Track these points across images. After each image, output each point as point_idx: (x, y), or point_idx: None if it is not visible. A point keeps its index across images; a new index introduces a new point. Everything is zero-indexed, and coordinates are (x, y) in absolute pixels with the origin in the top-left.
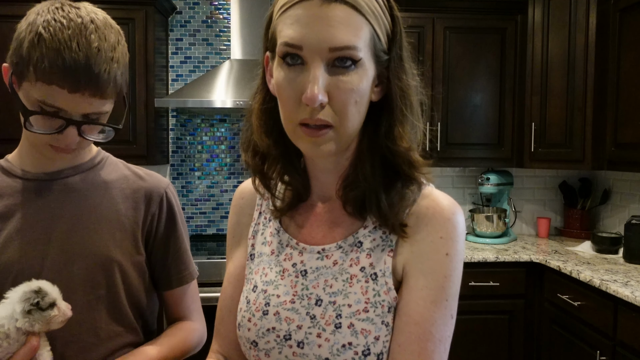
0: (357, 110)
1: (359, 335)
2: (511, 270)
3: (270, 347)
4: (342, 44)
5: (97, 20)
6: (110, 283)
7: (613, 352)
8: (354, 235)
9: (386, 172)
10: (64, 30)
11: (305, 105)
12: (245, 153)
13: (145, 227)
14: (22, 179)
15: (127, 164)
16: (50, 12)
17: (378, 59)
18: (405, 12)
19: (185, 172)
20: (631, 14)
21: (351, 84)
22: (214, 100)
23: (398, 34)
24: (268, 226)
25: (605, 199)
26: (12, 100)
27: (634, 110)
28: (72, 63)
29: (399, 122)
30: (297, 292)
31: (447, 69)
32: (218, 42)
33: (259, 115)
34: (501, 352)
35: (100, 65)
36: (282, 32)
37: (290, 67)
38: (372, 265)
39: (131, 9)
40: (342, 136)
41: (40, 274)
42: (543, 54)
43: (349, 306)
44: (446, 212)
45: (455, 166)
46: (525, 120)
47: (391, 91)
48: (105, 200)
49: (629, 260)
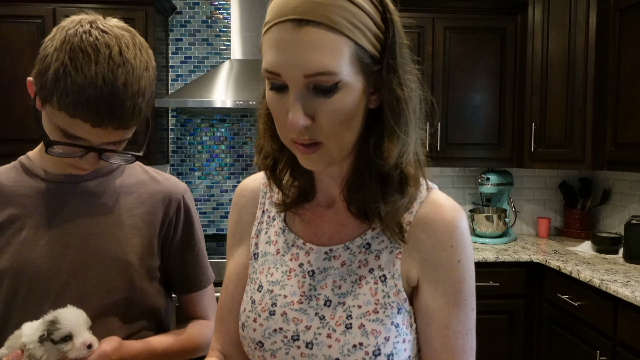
0: (346, 127)
1: (370, 335)
2: (511, 270)
3: (276, 348)
4: (317, 70)
5: (125, 51)
6: (125, 287)
7: (613, 352)
8: (362, 237)
9: (384, 182)
10: (90, 65)
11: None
12: (258, 155)
13: (162, 232)
14: (43, 179)
15: (145, 167)
16: (77, 35)
17: (367, 71)
18: (405, 12)
19: (185, 172)
20: (631, 13)
21: (333, 105)
22: (214, 100)
23: (390, 39)
24: (272, 225)
25: (605, 199)
26: (35, 117)
27: (634, 110)
28: (97, 101)
29: (387, 135)
30: (304, 293)
31: (447, 69)
32: (218, 42)
33: (264, 121)
34: (501, 352)
35: (125, 101)
36: (264, 56)
37: (275, 90)
38: (381, 267)
39: (131, 9)
40: (333, 152)
41: (57, 276)
42: (543, 54)
43: (358, 307)
44: (453, 219)
45: (455, 166)
46: (525, 120)
47: (383, 102)
48: (122, 204)
49: (629, 260)
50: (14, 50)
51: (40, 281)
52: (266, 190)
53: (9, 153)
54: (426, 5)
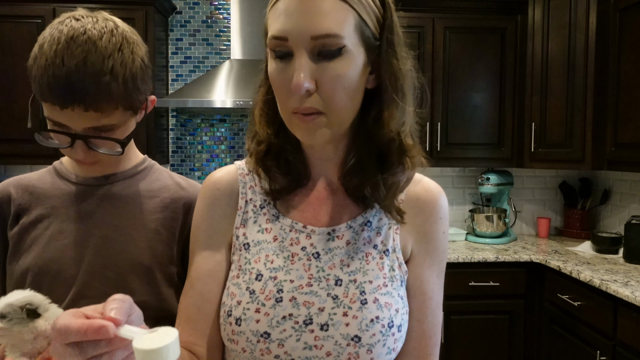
0: (347, 96)
1: (384, 308)
2: (511, 270)
3: (286, 336)
4: (324, 32)
5: (90, 32)
6: (143, 291)
7: (613, 352)
8: (363, 215)
9: (382, 161)
10: (52, 46)
11: (295, 94)
12: (250, 141)
13: (183, 238)
14: (73, 182)
15: (172, 173)
16: (54, 25)
17: (368, 45)
18: (405, 12)
19: (185, 172)
20: (631, 14)
21: (337, 70)
22: (214, 100)
23: (388, 18)
24: (261, 214)
25: (605, 199)
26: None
27: (634, 110)
28: (55, 80)
29: (387, 107)
30: (312, 275)
31: (447, 69)
32: (218, 42)
33: (261, 106)
34: (501, 352)
35: (85, 79)
36: (271, 26)
37: (280, 59)
38: (383, 242)
39: (131, 9)
40: (333, 122)
41: (77, 276)
42: (543, 54)
43: (370, 282)
44: (439, 195)
45: (455, 166)
46: (525, 120)
47: (381, 76)
48: (144, 208)
49: (629, 260)
50: (14, 50)
51: (62, 280)
52: (246, 181)
53: (9, 153)
54: (426, 5)
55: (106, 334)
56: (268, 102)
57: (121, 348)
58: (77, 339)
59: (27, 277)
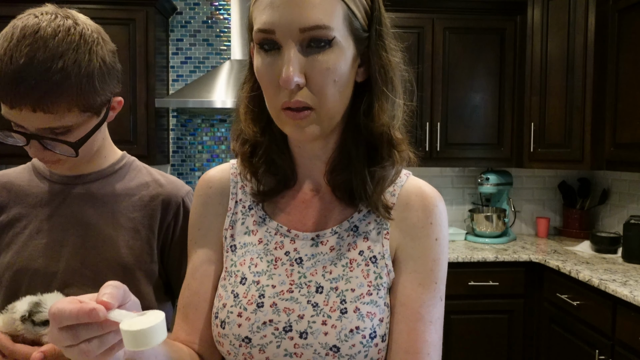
0: (336, 90)
1: (365, 318)
2: (510, 269)
3: (266, 342)
4: (313, 24)
5: (43, 30)
6: None
7: (612, 351)
8: (349, 220)
9: (370, 155)
10: (4, 43)
11: (285, 88)
12: (235, 142)
13: (161, 235)
14: (50, 180)
15: (151, 169)
16: (14, 21)
17: (357, 37)
18: (405, 12)
19: (186, 172)
20: (630, 14)
21: (327, 63)
22: (215, 100)
23: (376, 10)
24: (249, 215)
25: (604, 199)
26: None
27: (632, 111)
28: (3, 78)
29: (377, 99)
30: (294, 281)
31: (447, 69)
32: (218, 42)
33: (247, 103)
34: (501, 351)
35: (31, 77)
36: (256, 19)
37: (267, 52)
38: (370, 248)
39: (132, 9)
40: (323, 118)
41: (56, 275)
42: (542, 54)
43: (352, 290)
44: (432, 199)
45: (455, 166)
46: (525, 121)
47: (371, 68)
48: (122, 207)
49: (627, 260)
50: None
51: (39, 279)
52: (237, 180)
53: (9, 153)
54: (426, 6)
55: (96, 317)
56: (254, 99)
57: (112, 332)
58: (70, 323)
59: (5, 276)
